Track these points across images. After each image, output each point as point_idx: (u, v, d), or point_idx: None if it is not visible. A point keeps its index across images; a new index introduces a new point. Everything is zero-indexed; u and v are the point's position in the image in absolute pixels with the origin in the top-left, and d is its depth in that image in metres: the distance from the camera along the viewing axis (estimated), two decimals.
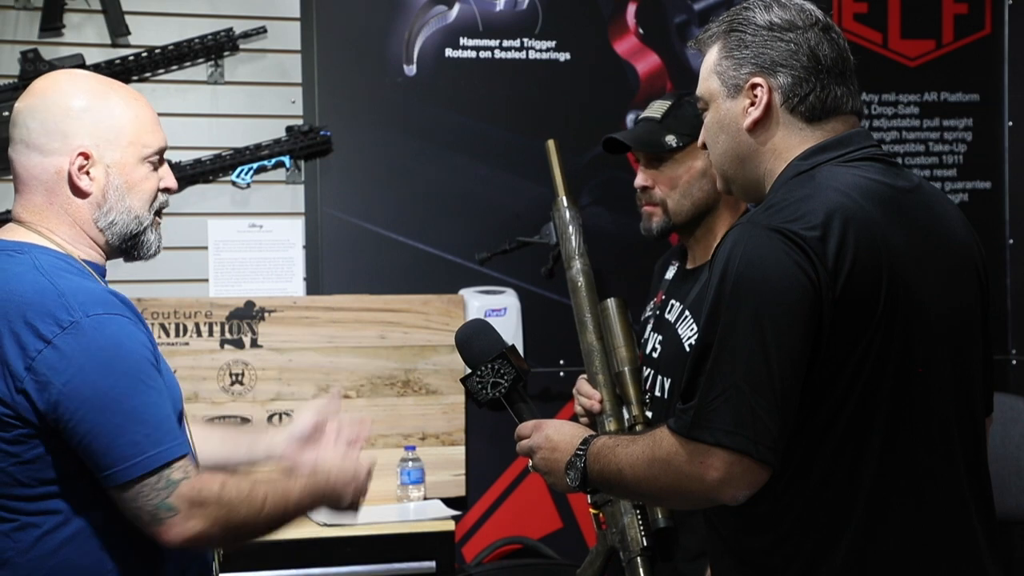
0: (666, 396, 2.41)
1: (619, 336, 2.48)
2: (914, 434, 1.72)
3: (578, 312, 2.54)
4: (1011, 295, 4.25)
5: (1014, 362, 4.24)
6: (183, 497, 1.78)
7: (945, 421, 1.75)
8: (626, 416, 2.43)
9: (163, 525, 1.78)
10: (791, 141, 1.81)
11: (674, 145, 2.43)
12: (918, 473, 1.73)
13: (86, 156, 1.89)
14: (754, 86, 1.81)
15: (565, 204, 2.66)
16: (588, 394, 2.47)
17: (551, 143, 2.74)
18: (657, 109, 2.50)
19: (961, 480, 1.77)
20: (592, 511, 2.44)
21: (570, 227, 2.63)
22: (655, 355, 2.48)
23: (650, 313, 2.58)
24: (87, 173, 1.90)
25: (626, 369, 2.45)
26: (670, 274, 2.57)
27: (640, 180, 2.49)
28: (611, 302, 2.51)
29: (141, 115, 1.96)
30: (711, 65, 1.87)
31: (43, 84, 1.94)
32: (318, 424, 2.22)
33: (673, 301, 2.48)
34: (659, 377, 2.45)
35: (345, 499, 2.04)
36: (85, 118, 1.90)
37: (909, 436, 1.71)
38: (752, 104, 1.81)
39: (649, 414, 2.42)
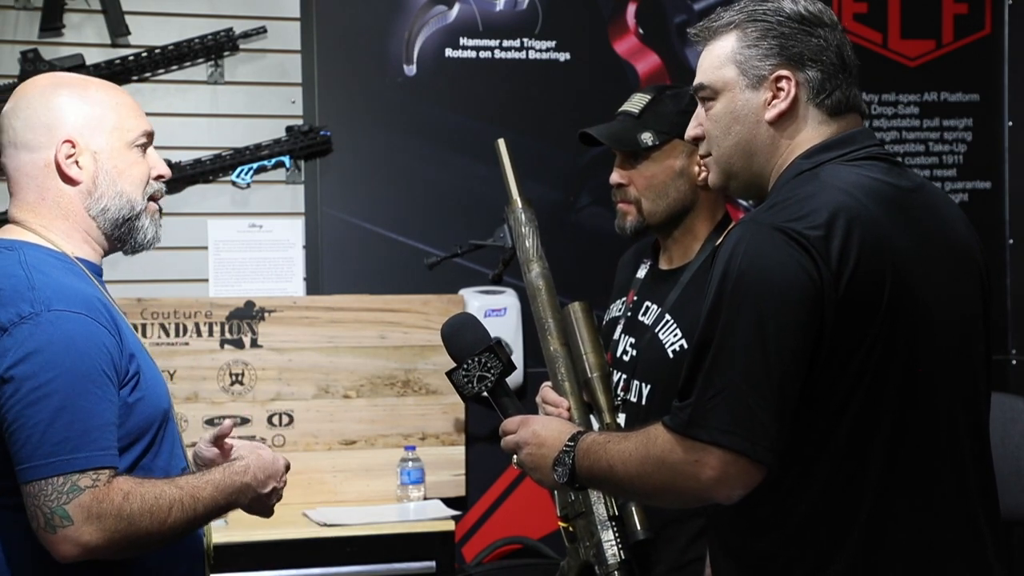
0: (644, 402, 2.33)
1: (587, 341, 2.38)
2: (920, 434, 1.71)
3: (540, 317, 2.45)
4: (1011, 295, 4.25)
5: (1014, 362, 4.24)
6: (82, 507, 1.73)
7: (951, 421, 1.75)
8: (595, 424, 2.34)
9: (56, 535, 1.73)
10: (810, 135, 1.80)
11: (650, 143, 2.34)
12: (924, 474, 1.72)
13: (72, 144, 1.91)
14: (779, 78, 1.79)
15: (520, 205, 2.54)
16: (554, 402, 2.38)
17: (501, 142, 2.59)
18: (636, 103, 2.40)
19: (967, 480, 1.76)
20: (561, 524, 2.35)
21: (526, 229, 2.52)
22: (626, 358, 2.40)
23: (619, 313, 2.48)
24: (75, 162, 1.92)
25: (596, 375, 2.35)
26: (641, 273, 2.47)
27: (615, 177, 2.40)
28: (576, 306, 2.42)
29: (121, 101, 1.99)
30: (728, 53, 1.83)
31: (23, 87, 1.98)
32: (223, 453, 2.18)
33: (648, 303, 2.40)
34: (634, 382, 2.36)
35: (264, 491, 1.97)
36: (67, 109, 1.92)
37: (915, 436, 1.71)
38: (775, 96, 1.79)
39: (621, 420, 2.34)
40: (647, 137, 2.35)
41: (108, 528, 1.75)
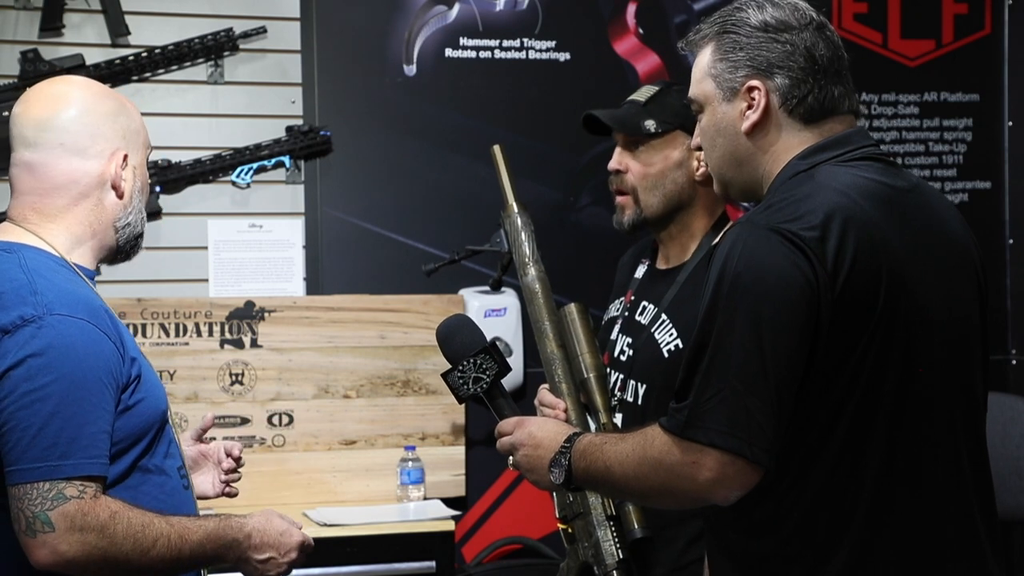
0: (640, 402, 2.33)
1: (583, 342, 2.40)
2: (917, 435, 1.71)
3: (536, 320, 2.46)
4: (1011, 295, 4.25)
5: (1014, 362, 4.24)
6: (66, 516, 1.73)
7: (948, 421, 1.75)
8: (592, 425, 2.35)
9: (35, 539, 1.72)
10: (790, 142, 1.80)
11: (652, 130, 2.35)
12: (921, 474, 1.72)
13: (125, 158, 1.94)
14: (751, 89, 1.79)
15: (516, 210, 2.56)
16: (551, 404, 2.38)
17: (497, 148, 2.62)
18: (643, 93, 2.42)
19: (965, 480, 1.76)
20: (560, 526, 2.35)
21: (522, 234, 2.54)
22: (623, 358, 2.40)
23: (617, 313, 2.48)
24: (123, 176, 1.95)
25: (592, 376, 2.37)
26: (639, 273, 2.48)
27: (613, 162, 2.40)
28: (572, 307, 2.44)
29: (141, 118, 2.02)
30: (705, 67, 1.84)
31: (66, 89, 1.96)
32: (202, 451, 2.22)
33: (645, 303, 2.40)
34: (631, 382, 2.36)
35: (258, 556, 1.93)
36: (117, 122, 1.94)
37: (912, 437, 1.71)
38: (749, 107, 1.80)
39: (618, 421, 2.35)
40: (650, 124, 2.36)
41: (88, 543, 1.74)
